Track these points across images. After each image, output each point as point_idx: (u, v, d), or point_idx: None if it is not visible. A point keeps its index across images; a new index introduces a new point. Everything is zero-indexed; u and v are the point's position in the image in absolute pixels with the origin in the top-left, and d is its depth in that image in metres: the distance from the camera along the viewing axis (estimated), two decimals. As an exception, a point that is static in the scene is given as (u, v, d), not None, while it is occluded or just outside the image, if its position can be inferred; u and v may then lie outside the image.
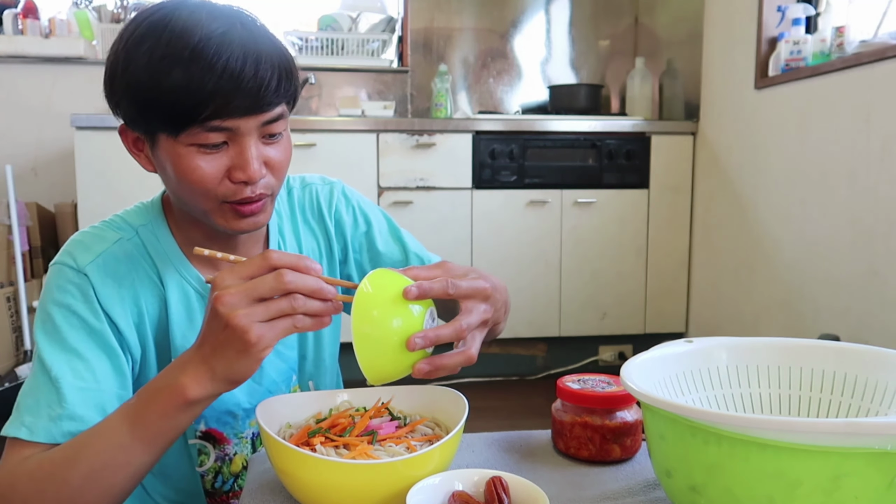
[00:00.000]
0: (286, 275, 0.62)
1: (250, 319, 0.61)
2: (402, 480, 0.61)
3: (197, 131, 0.72)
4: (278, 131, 0.78)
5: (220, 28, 0.71)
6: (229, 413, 0.90)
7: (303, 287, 0.62)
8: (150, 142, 0.77)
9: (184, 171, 0.75)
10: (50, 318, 0.78)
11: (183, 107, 0.71)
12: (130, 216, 0.87)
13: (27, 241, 2.81)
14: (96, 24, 3.11)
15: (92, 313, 0.78)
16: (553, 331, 2.99)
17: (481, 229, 2.88)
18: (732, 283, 2.77)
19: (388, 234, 1.01)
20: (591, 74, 3.52)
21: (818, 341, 0.71)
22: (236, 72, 0.70)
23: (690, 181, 3.01)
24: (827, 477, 0.49)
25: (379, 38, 3.32)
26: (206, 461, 0.90)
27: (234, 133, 0.74)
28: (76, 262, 0.80)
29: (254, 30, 0.74)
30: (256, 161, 0.75)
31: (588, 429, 0.75)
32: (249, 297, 0.62)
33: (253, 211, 0.78)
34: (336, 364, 1.03)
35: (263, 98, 0.73)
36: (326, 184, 1.00)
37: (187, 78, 0.69)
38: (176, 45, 0.70)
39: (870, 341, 1.77)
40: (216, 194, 0.76)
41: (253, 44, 0.72)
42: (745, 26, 2.64)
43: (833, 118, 2.21)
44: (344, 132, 2.75)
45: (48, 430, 0.72)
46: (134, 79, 0.72)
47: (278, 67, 0.74)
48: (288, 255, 0.64)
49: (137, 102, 0.74)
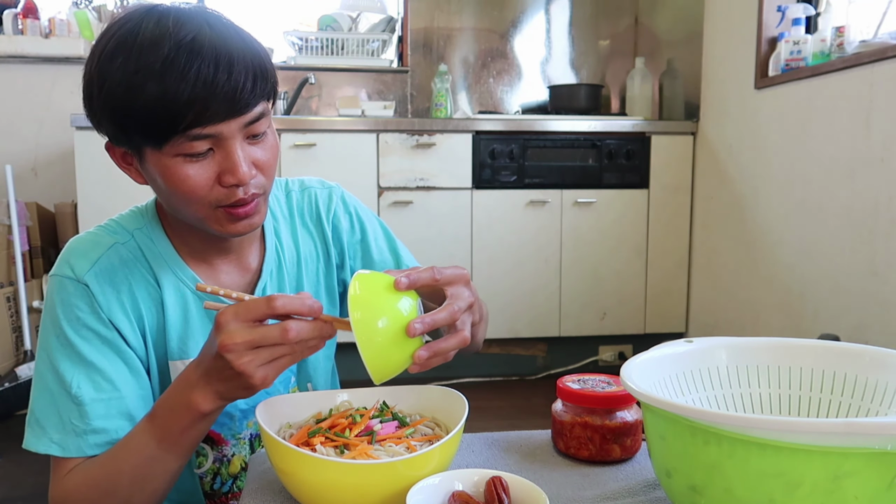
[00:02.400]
0: (290, 331, 0.64)
1: (255, 366, 0.65)
2: (402, 480, 0.61)
3: (180, 141, 0.72)
4: (262, 130, 0.77)
5: (188, 35, 0.70)
6: (226, 414, 0.90)
7: (305, 335, 0.65)
8: (137, 156, 0.77)
9: (174, 182, 0.75)
10: (63, 333, 0.79)
11: (161, 119, 0.70)
12: (125, 220, 0.87)
13: (27, 241, 2.81)
14: (96, 24, 3.11)
15: (100, 323, 0.80)
16: (553, 331, 2.99)
17: (481, 229, 2.88)
18: (732, 283, 2.77)
19: (384, 244, 1.01)
20: (591, 74, 3.52)
21: (818, 341, 0.71)
22: (210, 78, 0.70)
23: (690, 181, 3.01)
24: (827, 477, 0.49)
25: (379, 38, 3.32)
26: (205, 462, 0.91)
27: (217, 139, 0.73)
28: (75, 273, 0.80)
29: (222, 31, 0.73)
30: (245, 163, 0.75)
31: (588, 429, 0.75)
32: (254, 347, 0.65)
33: (247, 213, 0.78)
34: (332, 364, 1.03)
35: (240, 101, 0.72)
36: (325, 188, 1.00)
37: (162, 90, 0.69)
38: (147, 57, 0.69)
39: (870, 341, 1.77)
40: (209, 201, 0.76)
41: (223, 46, 0.71)
42: (745, 26, 2.64)
43: (833, 118, 2.21)
44: (344, 132, 2.75)
45: (78, 446, 0.76)
46: (110, 96, 0.71)
47: (252, 67, 0.73)
48: (291, 300, 0.65)
49: (116, 119, 0.73)
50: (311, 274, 0.96)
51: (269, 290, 0.91)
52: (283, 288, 0.93)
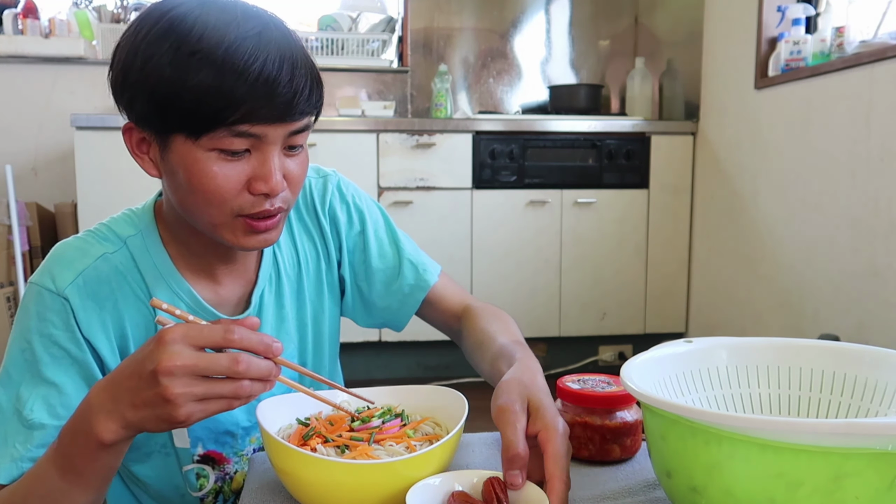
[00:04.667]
0: (241, 363, 0.57)
1: (186, 398, 0.57)
2: (402, 480, 0.61)
3: (222, 134, 0.68)
4: (300, 143, 0.74)
5: (255, 28, 0.67)
6: (228, 433, 0.87)
7: (255, 373, 0.58)
8: (160, 144, 0.71)
9: (200, 179, 0.70)
10: (30, 347, 0.74)
11: (210, 108, 0.66)
12: (118, 225, 0.81)
13: (27, 241, 2.81)
14: (96, 24, 3.11)
15: (74, 343, 0.75)
16: (553, 331, 2.99)
17: (481, 229, 2.88)
18: (732, 283, 2.77)
19: (385, 235, 0.96)
20: (591, 74, 3.52)
21: (818, 341, 0.71)
22: (272, 77, 0.66)
23: (690, 181, 3.01)
24: (827, 477, 0.49)
25: (379, 38, 3.32)
26: (206, 484, 0.87)
27: (259, 141, 0.70)
28: (55, 285, 0.75)
29: (287, 33, 0.70)
30: (279, 172, 0.71)
31: (588, 429, 0.75)
32: (195, 374, 0.57)
33: (268, 227, 0.74)
34: (337, 366, 1.01)
35: (296, 107, 0.69)
36: (320, 176, 0.94)
37: (219, 78, 0.65)
38: (208, 41, 0.65)
39: (870, 341, 1.77)
40: (232, 206, 0.71)
41: (288, 48, 0.68)
42: (745, 26, 2.64)
43: (833, 118, 2.21)
44: (344, 132, 2.75)
45: (9, 472, 0.70)
46: (155, 74, 0.67)
47: (311, 75, 0.70)
48: (252, 336, 0.59)
49: (156, 99, 0.68)
50: (312, 274, 0.92)
51: (267, 296, 0.87)
52: (281, 294, 0.89)
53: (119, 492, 0.89)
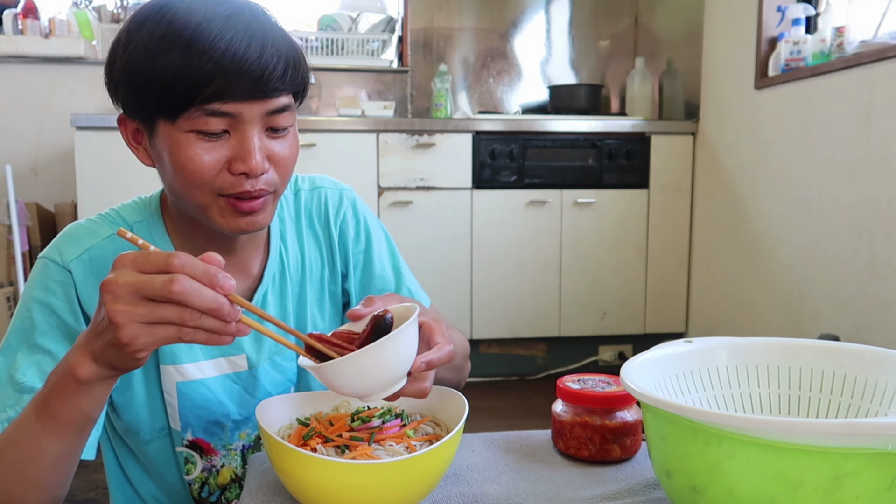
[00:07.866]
0: (177, 283, 0.54)
1: (128, 318, 0.55)
2: (403, 481, 0.61)
3: (196, 115, 0.69)
4: (284, 125, 0.74)
5: (225, 11, 0.69)
6: (216, 423, 0.87)
7: (196, 300, 0.55)
8: (148, 131, 0.74)
9: (180, 160, 0.71)
10: (29, 314, 0.76)
11: (180, 87, 0.68)
12: (127, 211, 0.84)
13: (27, 241, 2.81)
14: (96, 24, 3.11)
15: (72, 314, 0.77)
16: (553, 331, 2.99)
17: (481, 229, 2.88)
18: (732, 283, 2.77)
19: (387, 260, 0.97)
20: (591, 74, 3.52)
21: (818, 341, 0.71)
22: (239, 53, 0.68)
23: (690, 181, 3.01)
24: (828, 477, 0.49)
25: (379, 38, 3.32)
26: (193, 470, 0.88)
27: (236, 120, 0.71)
28: (61, 258, 0.78)
29: (261, 17, 0.72)
30: (259, 152, 0.72)
31: (588, 429, 0.75)
32: (136, 294, 0.55)
33: (252, 208, 0.74)
34: None
35: (268, 83, 0.70)
36: (337, 189, 0.96)
37: (186, 57, 0.67)
38: (177, 25, 0.68)
39: (870, 341, 1.77)
40: (213, 186, 0.73)
41: (259, 27, 0.70)
42: (745, 26, 2.64)
43: (833, 118, 2.21)
44: (344, 132, 2.75)
45: None
46: (132, 60, 0.69)
47: (285, 54, 0.71)
48: (197, 263, 0.56)
49: (134, 85, 0.71)
50: (315, 281, 0.93)
51: (271, 296, 0.88)
52: (285, 295, 0.89)
53: (118, 481, 0.91)
